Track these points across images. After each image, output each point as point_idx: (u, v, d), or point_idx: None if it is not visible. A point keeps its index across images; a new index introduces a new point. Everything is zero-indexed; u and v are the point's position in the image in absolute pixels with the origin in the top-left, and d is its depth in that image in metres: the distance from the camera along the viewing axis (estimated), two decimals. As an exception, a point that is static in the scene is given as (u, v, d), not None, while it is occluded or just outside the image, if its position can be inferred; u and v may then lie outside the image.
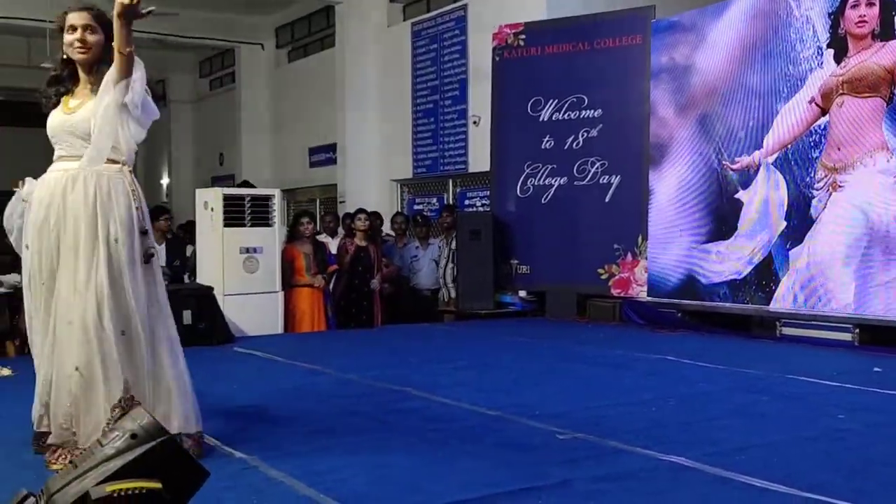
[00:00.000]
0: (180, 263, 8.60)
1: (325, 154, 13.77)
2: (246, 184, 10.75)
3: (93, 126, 3.44)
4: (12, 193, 3.77)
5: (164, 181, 19.27)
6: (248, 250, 7.72)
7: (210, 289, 7.29)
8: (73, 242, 3.41)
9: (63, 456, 3.37)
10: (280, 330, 7.86)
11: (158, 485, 1.70)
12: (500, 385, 5.27)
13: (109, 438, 1.79)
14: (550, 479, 3.24)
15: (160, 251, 8.42)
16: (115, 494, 1.64)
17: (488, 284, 8.99)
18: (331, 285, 8.54)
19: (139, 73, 3.45)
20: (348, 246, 8.52)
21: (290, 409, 4.58)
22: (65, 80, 3.62)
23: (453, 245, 9.11)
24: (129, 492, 1.65)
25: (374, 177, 12.55)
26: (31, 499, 1.84)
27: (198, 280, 7.83)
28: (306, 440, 3.89)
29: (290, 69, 15.41)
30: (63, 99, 3.60)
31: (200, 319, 7.03)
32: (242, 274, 7.68)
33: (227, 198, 7.73)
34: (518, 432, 4.00)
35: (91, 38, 3.54)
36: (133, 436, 1.78)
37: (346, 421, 4.29)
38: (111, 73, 3.43)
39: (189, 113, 18.70)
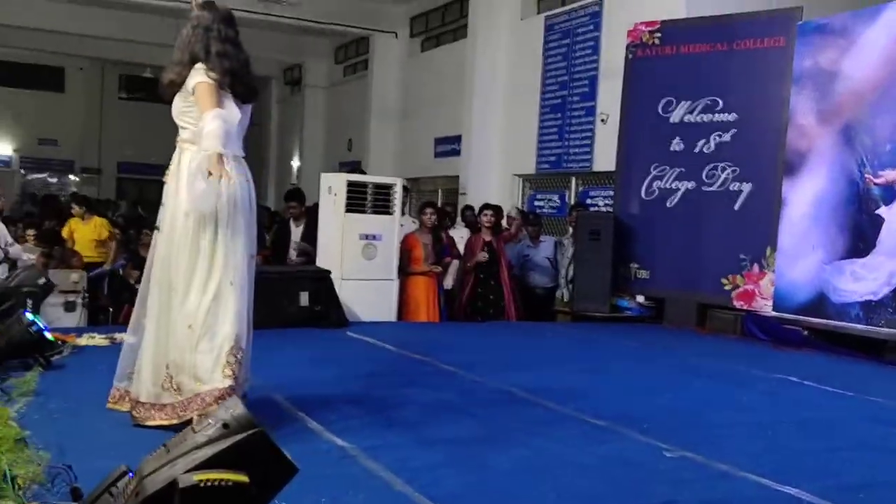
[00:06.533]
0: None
1: (450, 145, 13.79)
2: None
3: None
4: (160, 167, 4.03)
5: (295, 164, 19.80)
6: (367, 237, 7.80)
7: (327, 272, 7.41)
8: None
9: None
10: (394, 317, 7.91)
11: (245, 478, 1.69)
12: (609, 394, 5.13)
13: (203, 426, 1.80)
14: (654, 498, 3.11)
15: (297, 233, 8.60)
16: (202, 484, 1.64)
17: (605, 287, 8.77)
18: (446, 278, 8.55)
19: None
20: (474, 242, 8.51)
21: (394, 400, 4.58)
22: None
23: (579, 245, 8.90)
24: (216, 483, 1.65)
25: (496, 170, 12.47)
26: (126, 478, 1.86)
27: (318, 263, 7.96)
28: (406, 433, 3.88)
29: (421, 58, 15.51)
30: None
31: (317, 302, 7.15)
32: (361, 260, 7.76)
33: (350, 184, 7.83)
34: (624, 446, 3.87)
35: None
36: (225, 425, 1.77)
37: (448, 417, 4.26)
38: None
39: (322, 98, 19.12)
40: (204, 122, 3.65)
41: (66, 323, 7.47)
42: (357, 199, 7.78)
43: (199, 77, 3.77)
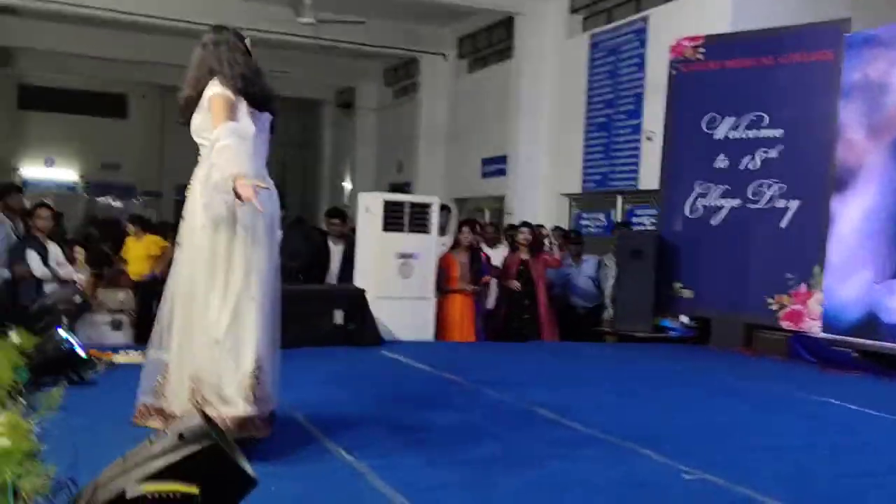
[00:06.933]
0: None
1: (496, 165, 13.75)
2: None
3: None
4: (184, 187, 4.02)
5: (347, 185, 19.95)
6: (404, 255, 7.79)
7: (362, 291, 7.41)
8: None
9: None
10: (430, 337, 7.87)
11: (195, 490, 1.66)
12: (639, 414, 5.00)
13: (160, 437, 1.78)
14: (664, 523, 3.00)
15: (337, 251, 8.60)
16: (150, 496, 1.62)
17: (648, 307, 8.59)
18: (487, 297, 8.49)
19: None
20: (511, 261, 8.46)
21: (416, 419, 4.53)
22: None
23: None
24: (164, 495, 1.63)
25: (542, 190, 12.39)
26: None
27: (355, 282, 7.98)
28: (421, 453, 3.82)
29: (469, 79, 15.54)
30: None
31: (351, 320, 7.15)
32: (397, 278, 7.75)
33: (387, 203, 7.84)
34: (642, 467, 3.75)
35: None
36: (181, 437, 1.76)
37: (467, 437, 4.19)
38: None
39: (373, 120, 19.27)
40: (215, 135, 3.65)
41: (113, 341, 7.60)
42: (395, 218, 7.78)
43: (214, 89, 3.78)
